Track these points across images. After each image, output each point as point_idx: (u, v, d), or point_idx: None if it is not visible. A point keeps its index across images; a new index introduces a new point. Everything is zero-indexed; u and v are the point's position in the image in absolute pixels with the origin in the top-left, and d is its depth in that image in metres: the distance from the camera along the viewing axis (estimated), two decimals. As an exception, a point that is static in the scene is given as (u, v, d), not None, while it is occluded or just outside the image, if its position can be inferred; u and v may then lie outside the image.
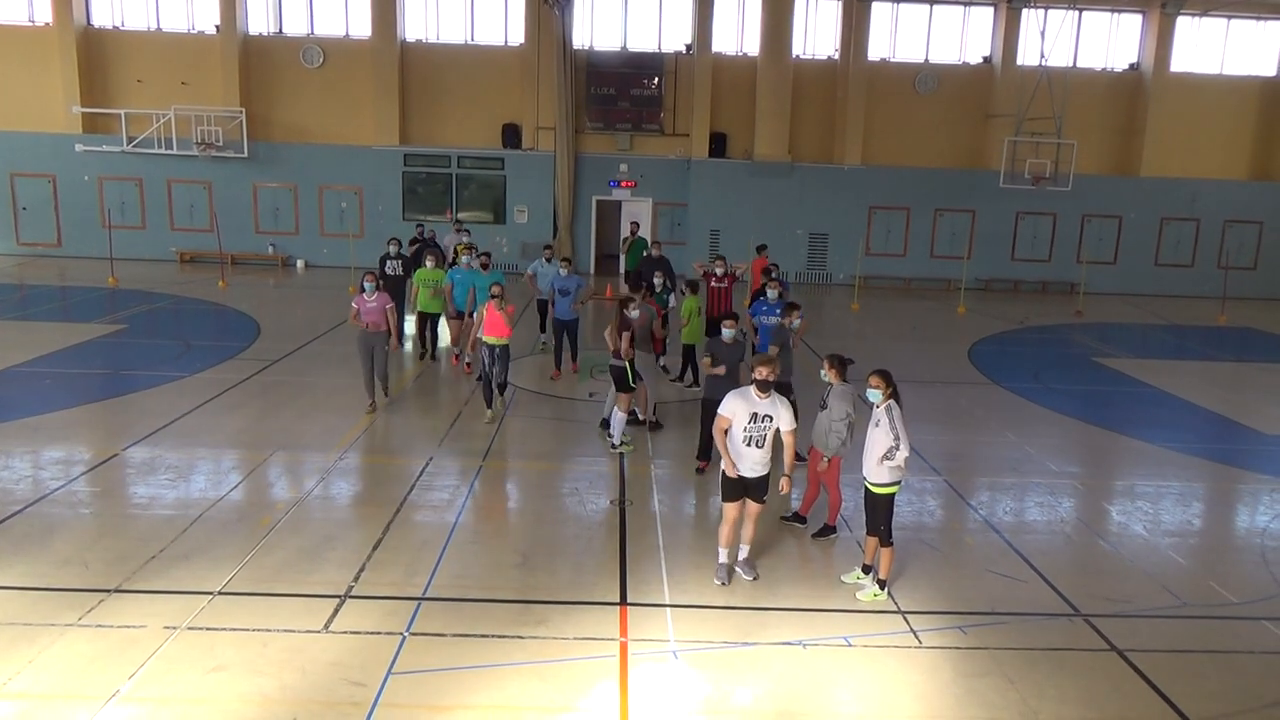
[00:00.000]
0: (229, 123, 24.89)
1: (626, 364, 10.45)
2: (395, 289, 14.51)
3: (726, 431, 7.04)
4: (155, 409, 11.35)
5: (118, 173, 25.32)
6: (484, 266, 13.68)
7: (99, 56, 25.29)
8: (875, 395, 7.03)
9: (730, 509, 7.20)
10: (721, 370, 9.33)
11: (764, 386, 6.98)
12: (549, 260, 14.72)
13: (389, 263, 15.30)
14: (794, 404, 7.72)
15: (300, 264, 25.97)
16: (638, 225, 21.75)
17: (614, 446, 10.51)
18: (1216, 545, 8.72)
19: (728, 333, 9.60)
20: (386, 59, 25.28)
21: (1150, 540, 8.55)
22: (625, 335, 10.40)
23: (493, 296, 11.20)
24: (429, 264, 14.25)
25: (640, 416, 11.37)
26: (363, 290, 11.43)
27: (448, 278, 13.75)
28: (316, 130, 25.94)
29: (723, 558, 7.33)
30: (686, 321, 13.13)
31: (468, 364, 13.47)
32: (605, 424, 11.13)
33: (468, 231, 20.00)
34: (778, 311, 11.56)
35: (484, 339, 11.15)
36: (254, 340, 15.74)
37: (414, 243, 17.63)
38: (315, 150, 25.79)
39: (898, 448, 6.83)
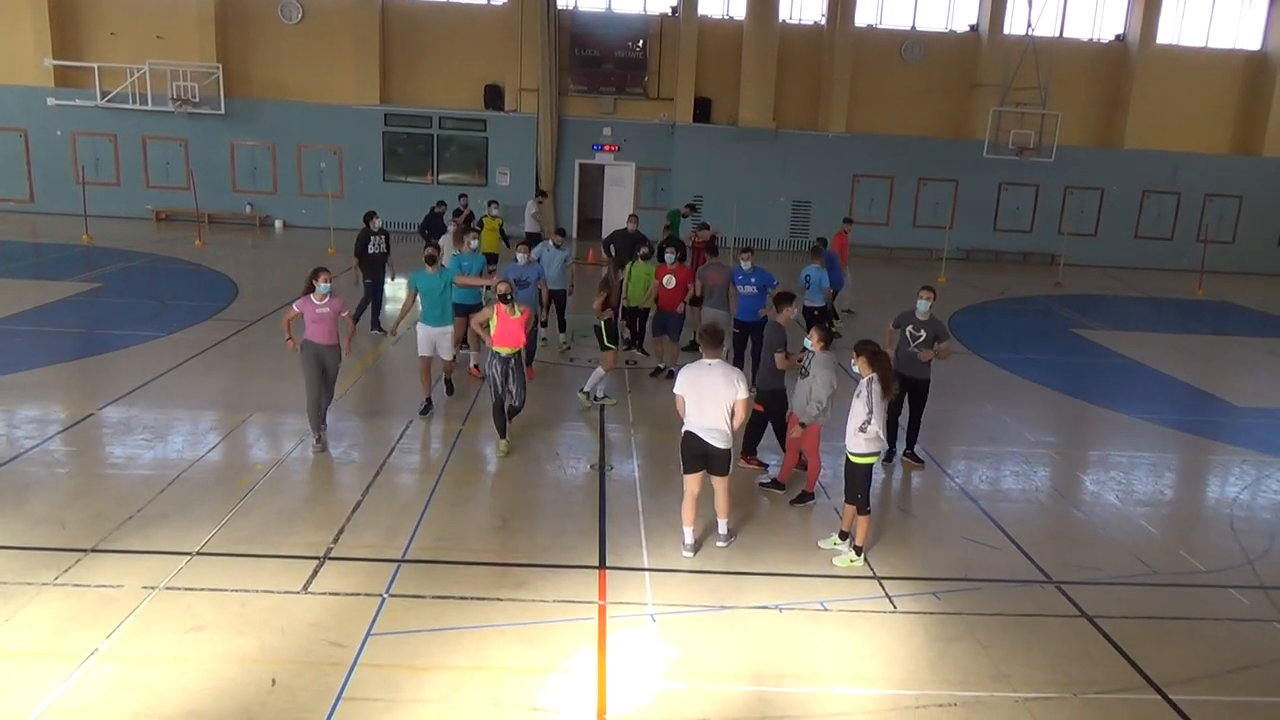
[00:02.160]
0: (206, 79, 24.38)
1: (602, 323, 10.59)
2: (376, 269, 13.27)
3: None
4: (131, 369, 11.23)
5: (91, 128, 24.80)
6: (430, 260, 10.35)
7: (70, 8, 24.63)
8: (856, 366, 7.16)
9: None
10: (786, 363, 8.43)
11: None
12: (558, 246, 12.96)
13: (372, 239, 13.23)
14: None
15: (279, 224, 25.65)
16: (693, 206, 21.37)
17: (595, 399, 10.66)
18: (1187, 515, 8.89)
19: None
20: (367, 16, 24.80)
21: (1122, 509, 8.68)
22: (600, 295, 10.55)
23: (502, 299, 8.93)
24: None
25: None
26: (311, 291, 8.64)
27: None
28: (295, 88, 25.49)
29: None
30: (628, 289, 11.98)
31: (474, 367, 11.84)
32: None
33: (540, 199, 19.84)
34: (753, 280, 11.46)
35: (496, 350, 8.99)
36: (232, 301, 15.56)
37: (456, 214, 16.29)
38: (294, 108, 25.35)
39: (869, 421, 6.92)
